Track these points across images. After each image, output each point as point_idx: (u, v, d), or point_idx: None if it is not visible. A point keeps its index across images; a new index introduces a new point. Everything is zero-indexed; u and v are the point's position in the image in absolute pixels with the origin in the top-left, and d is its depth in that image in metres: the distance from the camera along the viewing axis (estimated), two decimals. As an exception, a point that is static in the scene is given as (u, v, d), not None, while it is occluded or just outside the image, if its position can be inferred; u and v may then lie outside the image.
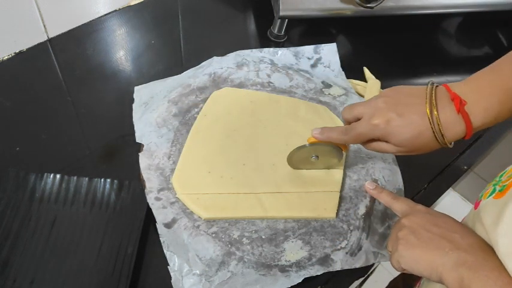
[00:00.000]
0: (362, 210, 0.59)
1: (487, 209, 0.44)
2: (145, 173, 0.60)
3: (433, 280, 0.45)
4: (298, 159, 0.60)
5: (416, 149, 0.50)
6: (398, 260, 0.47)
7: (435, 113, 0.47)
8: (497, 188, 0.45)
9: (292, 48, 0.77)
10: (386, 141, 0.51)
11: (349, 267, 0.54)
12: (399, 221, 0.50)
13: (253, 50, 0.76)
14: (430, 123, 0.47)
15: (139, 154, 0.62)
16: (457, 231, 0.45)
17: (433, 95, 0.48)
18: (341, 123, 0.67)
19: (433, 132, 0.47)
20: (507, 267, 0.39)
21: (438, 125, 0.47)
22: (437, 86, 0.49)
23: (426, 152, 0.51)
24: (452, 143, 0.49)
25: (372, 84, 0.74)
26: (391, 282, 0.82)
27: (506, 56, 0.49)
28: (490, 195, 0.45)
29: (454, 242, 0.44)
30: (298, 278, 0.53)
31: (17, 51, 0.75)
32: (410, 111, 0.48)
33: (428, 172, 0.67)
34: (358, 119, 0.52)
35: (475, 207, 0.48)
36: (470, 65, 0.53)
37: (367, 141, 0.53)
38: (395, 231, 0.49)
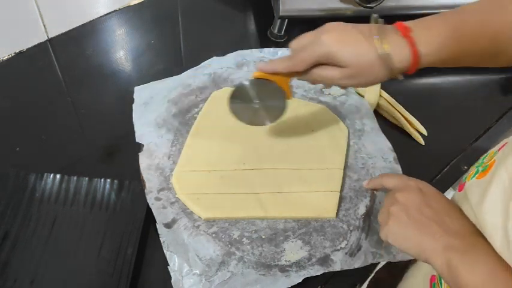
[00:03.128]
0: (362, 210, 0.59)
1: (472, 189, 0.45)
2: (145, 173, 0.60)
3: (418, 259, 0.46)
4: (239, 102, 0.56)
5: (361, 73, 0.50)
6: (387, 234, 0.48)
7: (381, 36, 0.48)
8: (480, 168, 0.46)
9: (292, 48, 0.77)
10: (331, 65, 0.50)
11: (348, 268, 0.54)
12: (393, 194, 0.49)
13: (253, 50, 0.76)
14: (376, 42, 0.48)
15: (139, 154, 0.62)
16: (448, 214, 0.46)
17: (379, 23, 0.49)
18: (343, 125, 0.67)
19: (379, 54, 0.48)
20: (494, 244, 0.41)
21: (385, 45, 0.47)
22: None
23: (372, 82, 0.51)
24: (401, 75, 0.50)
25: (371, 84, 0.74)
26: (376, 273, 0.82)
27: (457, 8, 0.50)
28: (473, 176, 0.46)
29: (444, 226, 0.45)
30: (298, 278, 0.53)
31: (17, 51, 0.75)
32: (357, 32, 0.49)
33: (429, 172, 0.67)
34: None
35: (459, 190, 0.49)
36: (470, 65, 0.54)
37: (312, 68, 0.52)
38: (387, 204, 0.49)
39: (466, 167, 0.68)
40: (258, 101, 0.56)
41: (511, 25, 0.48)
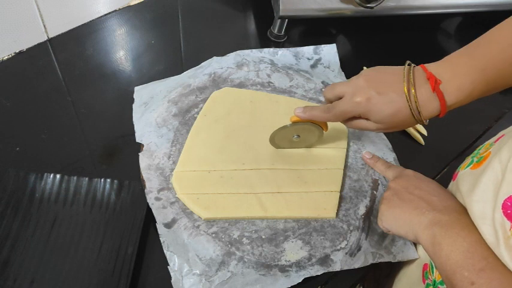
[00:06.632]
0: (362, 210, 0.59)
1: (464, 178, 0.47)
2: (145, 173, 0.60)
3: (409, 239, 0.49)
4: (280, 138, 0.62)
5: (394, 126, 0.53)
6: (381, 219, 0.52)
7: (412, 91, 0.49)
8: (475, 159, 0.47)
9: (292, 49, 0.77)
10: (366, 119, 0.53)
11: (348, 268, 0.54)
12: (389, 184, 0.54)
13: (253, 50, 0.76)
14: (408, 101, 0.49)
15: (139, 154, 0.62)
16: (437, 195, 0.49)
17: (411, 74, 0.50)
18: (341, 124, 0.67)
19: (410, 109, 0.50)
20: (480, 230, 0.42)
21: (415, 102, 0.49)
22: (414, 66, 0.52)
23: (403, 129, 0.54)
24: (427, 120, 0.52)
25: (371, 84, 0.74)
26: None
27: (481, 38, 0.51)
28: (467, 167, 0.48)
29: (431, 204, 0.47)
30: (298, 278, 0.53)
31: (17, 51, 0.75)
32: (390, 90, 0.50)
33: (428, 172, 0.66)
34: (340, 98, 0.54)
35: (453, 179, 0.51)
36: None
37: (348, 119, 0.55)
38: (384, 194, 0.53)
39: (466, 167, 0.68)
40: (296, 137, 0.61)
41: None
